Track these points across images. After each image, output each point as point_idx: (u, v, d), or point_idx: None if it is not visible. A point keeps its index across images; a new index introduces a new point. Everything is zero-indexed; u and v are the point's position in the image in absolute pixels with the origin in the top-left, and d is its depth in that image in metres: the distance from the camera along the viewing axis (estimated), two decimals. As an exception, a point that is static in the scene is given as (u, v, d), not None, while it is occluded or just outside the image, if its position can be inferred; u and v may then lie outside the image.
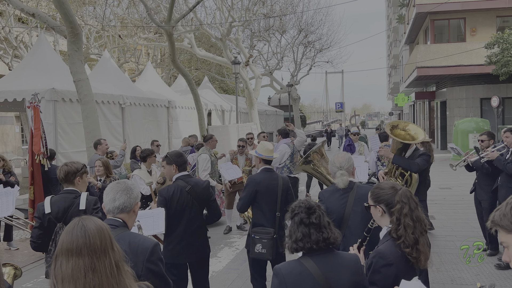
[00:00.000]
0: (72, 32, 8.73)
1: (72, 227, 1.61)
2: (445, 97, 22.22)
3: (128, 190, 2.37)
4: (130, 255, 2.16)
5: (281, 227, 4.20)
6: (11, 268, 2.96)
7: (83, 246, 1.55)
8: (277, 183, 4.21)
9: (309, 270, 2.06)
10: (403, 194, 2.28)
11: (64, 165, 3.56)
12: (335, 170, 3.30)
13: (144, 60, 26.41)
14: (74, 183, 3.54)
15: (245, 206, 4.26)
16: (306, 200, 2.20)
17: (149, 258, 2.19)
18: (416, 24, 23.87)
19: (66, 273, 1.52)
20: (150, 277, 2.17)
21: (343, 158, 3.34)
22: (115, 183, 2.43)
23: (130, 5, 21.20)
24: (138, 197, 2.43)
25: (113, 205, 2.33)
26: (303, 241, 2.08)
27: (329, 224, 2.15)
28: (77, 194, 3.53)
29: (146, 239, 2.28)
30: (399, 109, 50.67)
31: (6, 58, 19.60)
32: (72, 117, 10.14)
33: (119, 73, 14.30)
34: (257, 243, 4.10)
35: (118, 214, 2.34)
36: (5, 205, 3.76)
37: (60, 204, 3.44)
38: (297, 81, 31.11)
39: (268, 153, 4.33)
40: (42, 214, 3.40)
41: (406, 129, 4.65)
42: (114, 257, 1.60)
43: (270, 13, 22.70)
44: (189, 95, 16.08)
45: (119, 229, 2.30)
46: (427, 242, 2.26)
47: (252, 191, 4.17)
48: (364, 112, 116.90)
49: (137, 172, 6.49)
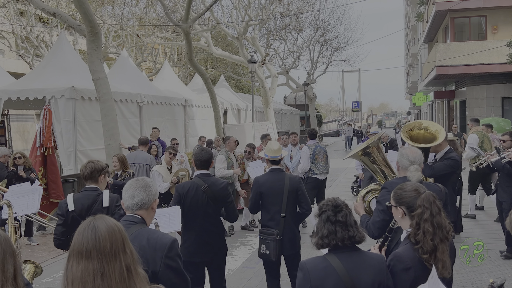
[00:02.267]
0: (92, 32, 8.84)
1: (84, 228, 1.59)
2: (465, 97, 21.81)
3: (147, 187, 2.38)
4: (149, 250, 2.17)
5: (288, 229, 4.12)
6: (32, 265, 3.00)
7: (93, 249, 1.53)
8: (283, 183, 4.13)
9: (333, 266, 2.07)
10: (425, 199, 2.23)
11: (90, 162, 3.57)
12: (408, 164, 3.20)
13: (161, 59, 26.66)
14: (97, 181, 3.57)
15: (253, 207, 4.28)
16: (333, 198, 2.20)
17: (168, 254, 2.19)
18: (435, 22, 23.48)
19: (76, 276, 1.51)
20: (168, 273, 2.17)
21: (416, 153, 3.26)
22: (134, 180, 2.43)
23: (148, 4, 21.39)
24: (157, 194, 2.44)
25: (132, 201, 2.35)
26: (328, 237, 2.09)
27: (355, 223, 2.15)
28: (99, 192, 3.56)
29: (164, 235, 2.28)
30: (417, 109, 49.96)
31: (27, 57, 20.00)
32: (91, 115, 10.28)
33: (137, 72, 14.44)
34: (262, 244, 4.11)
35: (137, 210, 2.35)
36: (31, 202, 3.83)
37: (84, 202, 3.46)
38: (313, 80, 30.94)
39: (273, 153, 4.32)
40: (66, 211, 3.43)
41: (424, 128, 4.42)
42: (125, 261, 1.56)
43: (286, 11, 22.62)
44: (206, 94, 16.14)
45: (137, 225, 2.30)
46: (450, 249, 2.20)
47: (256, 193, 4.18)
48: (381, 112, 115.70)
49: (157, 168, 6.53)
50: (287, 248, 4.11)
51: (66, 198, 3.52)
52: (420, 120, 4.62)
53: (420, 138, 4.42)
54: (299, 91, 31.78)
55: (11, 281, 1.55)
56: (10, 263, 1.56)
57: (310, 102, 30.15)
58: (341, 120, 68.79)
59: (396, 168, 3.35)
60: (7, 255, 1.56)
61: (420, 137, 4.43)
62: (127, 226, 2.27)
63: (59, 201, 3.62)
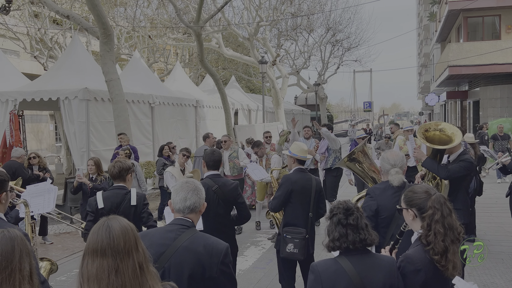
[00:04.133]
0: (105, 33, 8.96)
1: (98, 227, 1.64)
2: (478, 97, 21.54)
3: (198, 190, 2.34)
4: (205, 256, 2.17)
5: (312, 228, 4.20)
6: (48, 263, 3.08)
7: (107, 247, 1.58)
8: (311, 183, 4.20)
9: (344, 268, 2.08)
10: (436, 200, 2.24)
11: (118, 162, 3.66)
12: (389, 167, 3.22)
13: (173, 60, 26.83)
14: (125, 180, 3.66)
15: (279, 206, 4.21)
16: (344, 201, 2.21)
17: (223, 260, 2.21)
18: (448, 22, 23.23)
19: (91, 273, 1.56)
20: (222, 278, 2.20)
21: (397, 156, 3.27)
22: (184, 182, 2.37)
23: (160, 6, 21.55)
24: (204, 197, 2.40)
25: (184, 204, 2.29)
26: (340, 240, 2.11)
27: (366, 226, 2.16)
28: (127, 190, 3.64)
29: (219, 242, 2.27)
30: (430, 109, 49.46)
31: (41, 58, 20.31)
32: (103, 115, 10.41)
33: (149, 73, 14.58)
34: (289, 243, 4.08)
35: (188, 214, 2.31)
36: (47, 201, 3.92)
37: (113, 200, 3.56)
38: (324, 80, 30.84)
39: (303, 153, 4.30)
40: (96, 208, 3.54)
41: (441, 129, 4.35)
42: (138, 258, 1.61)
43: (297, 12, 22.59)
44: (217, 94, 16.22)
45: (191, 229, 2.27)
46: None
47: (288, 190, 4.14)
48: (393, 112, 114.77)
49: (170, 169, 6.59)
50: (310, 248, 4.16)
51: (96, 196, 3.60)
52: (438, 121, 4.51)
53: (435, 140, 4.35)
54: (310, 92, 31.71)
55: (28, 279, 1.61)
56: (26, 261, 1.62)
57: (321, 103, 30.06)
58: (352, 120, 68.37)
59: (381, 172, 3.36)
60: (24, 254, 1.61)
61: (435, 138, 4.36)
62: (181, 231, 2.23)
63: (89, 199, 3.73)
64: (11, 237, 1.61)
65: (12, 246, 1.59)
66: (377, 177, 3.99)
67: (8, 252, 1.58)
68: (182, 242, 2.19)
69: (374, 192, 3.31)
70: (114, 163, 3.67)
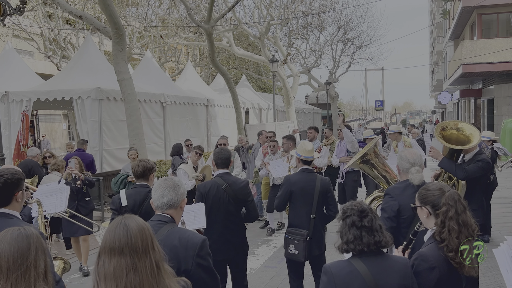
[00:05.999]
0: (117, 33, 9.02)
1: (115, 226, 1.65)
2: (493, 95, 21.23)
3: (175, 186, 2.43)
4: (181, 250, 2.22)
5: (316, 230, 4.13)
6: (61, 261, 3.13)
7: (125, 245, 1.58)
8: (314, 184, 4.13)
9: (359, 270, 2.04)
10: (450, 197, 2.22)
11: (142, 161, 3.73)
12: (408, 166, 3.16)
13: (184, 60, 26.93)
14: (148, 179, 3.72)
15: (280, 205, 4.26)
16: (358, 203, 2.17)
17: (199, 253, 2.25)
18: (461, 19, 22.93)
19: (108, 272, 1.56)
20: (199, 271, 2.23)
21: (416, 154, 3.21)
22: (163, 180, 2.48)
23: (171, 5, 21.66)
24: (185, 194, 2.49)
25: (161, 201, 2.40)
26: (354, 243, 2.07)
27: (380, 228, 2.12)
28: (149, 189, 3.68)
29: (195, 235, 2.33)
30: (443, 107, 48.91)
31: (55, 58, 20.57)
32: (116, 115, 10.50)
33: (160, 73, 14.66)
34: (290, 244, 4.08)
35: (167, 210, 2.41)
36: (59, 201, 3.97)
37: (136, 198, 3.61)
38: (335, 78, 30.63)
39: (307, 153, 4.29)
40: (119, 206, 3.60)
41: (459, 129, 4.26)
42: (154, 257, 1.63)
43: (308, 10, 22.48)
44: (227, 93, 16.24)
45: (168, 225, 2.36)
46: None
47: (287, 191, 4.16)
48: (405, 110, 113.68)
49: (183, 167, 6.65)
50: (315, 249, 4.11)
51: (119, 194, 3.66)
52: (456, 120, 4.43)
53: (452, 139, 4.27)
54: (321, 90, 31.53)
55: (43, 277, 1.62)
56: (41, 259, 1.63)
57: (332, 101, 29.87)
58: (364, 119, 67.90)
59: (397, 172, 3.30)
60: (39, 251, 1.63)
61: (453, 137, 4.28)
62: (159, 226, 2.33)
63: (113, 197, 3.77)
64: (27, 234, 1.63)
65: (28, 243, 1.61)
66: (389, 176, 3.95)
67: (24, 249, 1.59)
68: (159, 238, 2.25)
69: (394, 192, 3.23)
70: (139, 162, 3.74)
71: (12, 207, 2.48)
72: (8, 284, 1.55)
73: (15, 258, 1.57)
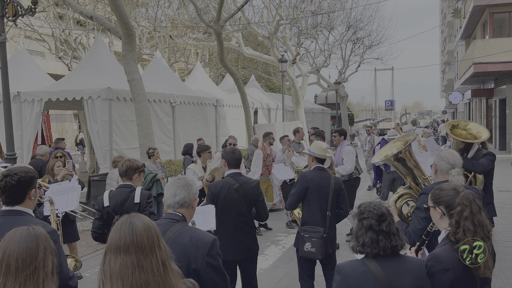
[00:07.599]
0: (127, 34, 9.08)
1: (121, 224, 1.64)
2: (505, 95, 20.96)
3: (188, 186, 2.43)
4: (191, 248, 2.22)
5: (331, 227, 4.13)
6: (72, 259, 3.17)
7: (131, 243, 1.58)
8: (329, 182, 4.14)
9: (372, 271, 2.01)
10: (464, 197, 2.18)
11: (126, 161, 3.75)
12: (448, 167, 3.05)
13: (193, 60, 27.04)
14: (132, 179, 3.73)
15: (294, 203, 4.21)
16: (376, 205, 2.11)
17: (209, 252, 2.24)
18: (473, 18, 22.67)
19: (114, 270, 1.55)
20: (209, 271, 2.21)
21: (455, 155, 3.10)
22: (175, 179, 2.49)
23: (181, 6, 21.73)
24: (197, 193, 2.49)
25: (173, 200, 2.40)
26: (370, 246, 2.03)
27: (397, 231, 2.08)
28: (132, 189, 3.72)
29: (205, 234, 2.33)
30: (453, 107, 48.41)
31: (66, 59, 20.78)
32: (125, 115, 10.56)
33: (170, 73, 14.72)
34: (306, 242, 4.05)
35: (178, 208, 2.41)
36: (70, 200, 4.00)
37: (118, 198, 3.64)
38: (345, 78, 30.50)
39: (322, 151, 4.27)
40: (102, 207, 3.63)
41: (467, 129, 4.41)
42: (160, 256, 1.62)
43: (318, 10, 22.40)
44: (236, 93, 16.25)
45: (179, 223, 2.36)
46: (490, 250, 2.14)
47: (303, 188, 4.13)
48: (416, 110, 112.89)
49: (192, 166, 6.70)
50: (329, 247, 4.09)
51: (103, 194, 3.67)
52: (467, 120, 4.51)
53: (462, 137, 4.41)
54: (330, 90, 31.42)
55: (50, 276, 1.63)
56: (49, 259, 1.64)
57: (342, 101, 29.77)
58: (374, 119, 67.49)
59: (433, 171, 3.23)
60: (48, 251, 1.63)
61: (462, 136, 4.43)
62: (170, 224, 2.33)
63: (98, 198, 3.79)
64: (36, 234, 1.64)
65: (37, 243, 1.61)
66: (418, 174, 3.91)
67: (33, 249, 1.60)
68: (170, 235, 2.26)
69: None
70: (124, 161, 3.77)
71: (25, 204, 2.52)
72: (16, 284, 1.54)
73: (24, 258, 1.57)
